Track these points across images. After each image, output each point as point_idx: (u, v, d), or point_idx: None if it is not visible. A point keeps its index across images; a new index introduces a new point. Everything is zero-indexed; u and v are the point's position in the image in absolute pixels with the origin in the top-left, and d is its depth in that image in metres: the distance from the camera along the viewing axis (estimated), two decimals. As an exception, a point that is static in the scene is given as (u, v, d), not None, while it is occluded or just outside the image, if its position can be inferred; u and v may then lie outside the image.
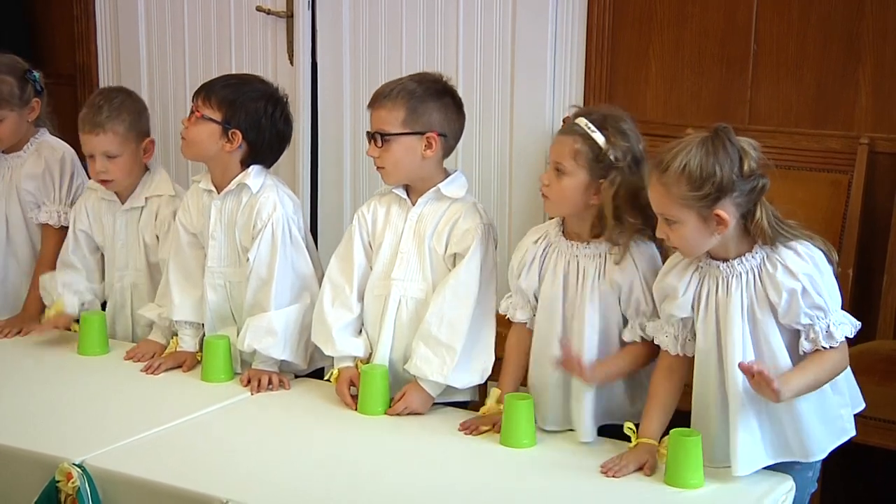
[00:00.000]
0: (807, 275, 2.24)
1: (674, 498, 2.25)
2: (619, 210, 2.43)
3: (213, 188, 2.94)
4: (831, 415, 2.34)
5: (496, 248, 2.73)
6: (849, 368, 2.39)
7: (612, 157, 2.42)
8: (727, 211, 2.23)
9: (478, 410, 2.64)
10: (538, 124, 3.62)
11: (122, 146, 3.04)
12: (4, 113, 3.28)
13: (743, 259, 2.29)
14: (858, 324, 2.30)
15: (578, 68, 3.60)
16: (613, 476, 2.31)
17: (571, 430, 2.53)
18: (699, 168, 2.20)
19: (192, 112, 2.91)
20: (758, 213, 2.25)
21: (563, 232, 2.56)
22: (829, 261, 2.28)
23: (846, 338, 2.28)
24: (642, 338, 2.48)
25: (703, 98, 3.46)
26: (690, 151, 2.22)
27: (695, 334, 2.38)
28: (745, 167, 2.22)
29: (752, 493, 2.26)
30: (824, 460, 2.44)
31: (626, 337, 2.50)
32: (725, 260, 2.31)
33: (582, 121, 2.45)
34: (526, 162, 3.65)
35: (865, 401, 2.63)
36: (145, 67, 4.29)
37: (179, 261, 2.99)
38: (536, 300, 2.59)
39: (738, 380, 2.28)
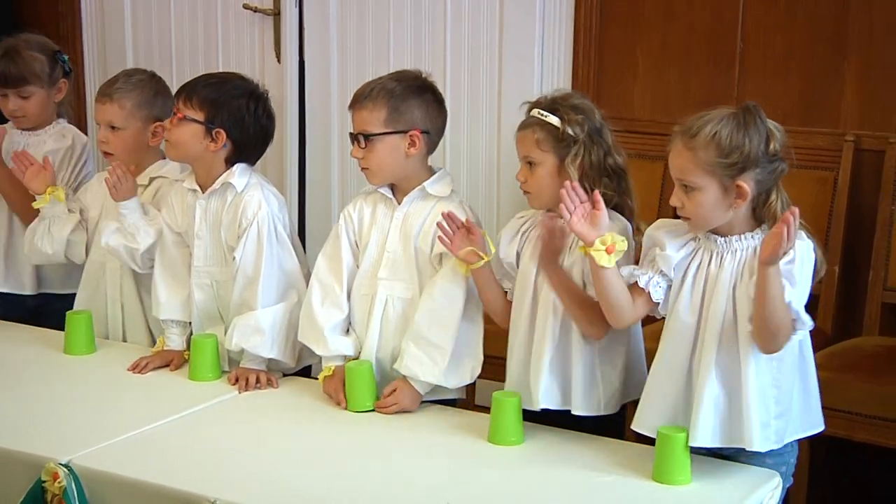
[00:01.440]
0: (789, 261, 2.22)
1: (661, 495, 2.26)
2: (589, 180, 2.46)
3: (198, 187, 2.93)
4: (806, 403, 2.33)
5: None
6: (817, 390, 2.37)
7: (571, 133, 2.47)
8: (748, 185, 2.25)
9: (466, 408, 2.64)
10: (526, 122, 3.62)
11: (126, 121, 3.07)
12: (34, 89, 3.34)
13: (742, 237, 2.31)
14: (811, 324, 2.27)
15: (566, 66, 3.60)
16: None
17: (549, 420, 2.52)
18: (730, 137, 2.25)
19: (173, 114, 2.90)
20: (772, 197, 2.29)
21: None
22: (815, 263, 2.27)
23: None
24: None
25: (691, 95, 3.46)
26: (722, 121, 2.27)
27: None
28: (772, 146, 2.27)
29: (740, 490, 2.26)
30: (812, 456, 2.45)
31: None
32: (725, 236, 2.33)
33: (535, 111, 2.51)
34: (514, 160, 3.53)
35: (852, 398, 2.63)
36: (132, 65, 4.27)
37: (165, 259, 2.98)
38: (514, 273, 2.60)
39: (713, 354, 2.28)
